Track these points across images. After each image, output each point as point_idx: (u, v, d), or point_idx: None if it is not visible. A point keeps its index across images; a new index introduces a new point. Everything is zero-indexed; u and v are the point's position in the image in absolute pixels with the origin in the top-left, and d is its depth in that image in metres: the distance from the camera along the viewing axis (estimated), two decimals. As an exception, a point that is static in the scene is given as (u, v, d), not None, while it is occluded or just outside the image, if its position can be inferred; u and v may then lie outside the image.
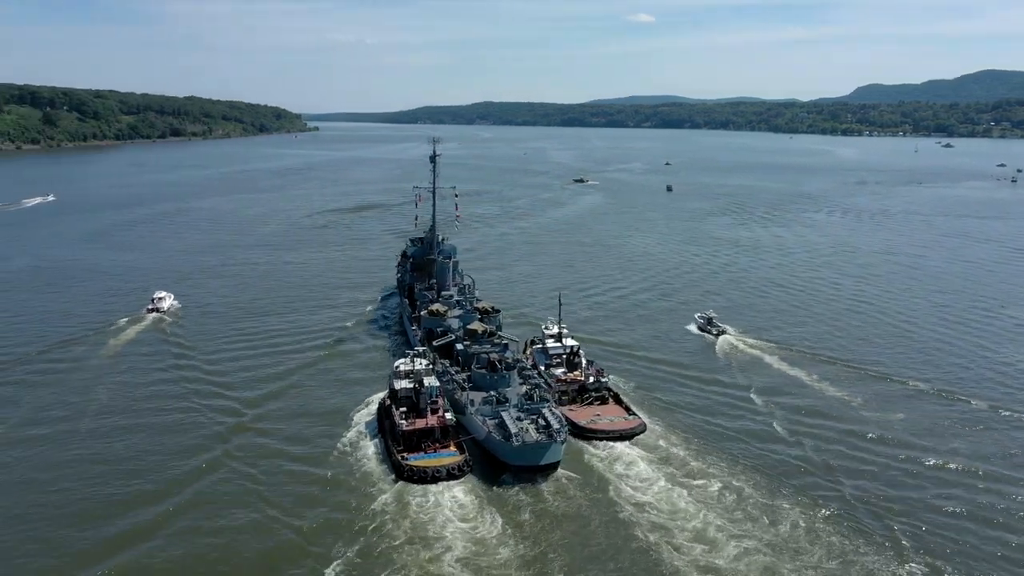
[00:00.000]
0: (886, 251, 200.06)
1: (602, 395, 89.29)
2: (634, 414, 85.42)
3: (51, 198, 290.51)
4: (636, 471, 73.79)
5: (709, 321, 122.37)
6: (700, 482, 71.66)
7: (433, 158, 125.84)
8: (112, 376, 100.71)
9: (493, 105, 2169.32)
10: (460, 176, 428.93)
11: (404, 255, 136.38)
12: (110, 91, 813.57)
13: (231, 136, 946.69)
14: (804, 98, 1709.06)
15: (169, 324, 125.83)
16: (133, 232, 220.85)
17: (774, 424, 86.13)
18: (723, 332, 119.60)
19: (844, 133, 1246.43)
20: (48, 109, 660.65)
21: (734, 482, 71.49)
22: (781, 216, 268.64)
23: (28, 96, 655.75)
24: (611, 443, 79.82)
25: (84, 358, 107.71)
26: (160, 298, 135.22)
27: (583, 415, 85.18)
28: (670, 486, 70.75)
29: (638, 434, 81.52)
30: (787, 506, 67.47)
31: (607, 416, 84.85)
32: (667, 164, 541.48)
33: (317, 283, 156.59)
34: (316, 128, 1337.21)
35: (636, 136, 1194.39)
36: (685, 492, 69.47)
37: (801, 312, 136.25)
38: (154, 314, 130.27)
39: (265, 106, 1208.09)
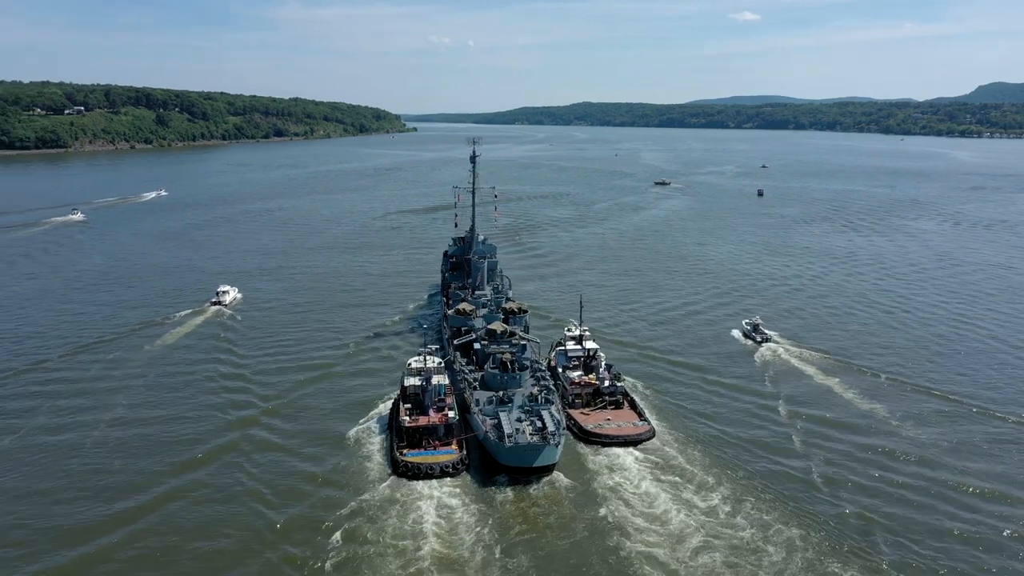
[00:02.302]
0: (997, 265, 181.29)
1: (616, 399, 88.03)
2: (645, 420, 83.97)
3: (164, 193, 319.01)
4: (633, 480, 72.52)
5: (755, 328, 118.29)
6: (698, 495, 69.82)
7: (473, 159, 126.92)
8: (157, 364, 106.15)
9: (592, 106, 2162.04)
10: (542, 177, 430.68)
11: (446, 254, 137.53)
12: (220, 93, 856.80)
13: (331, 136, 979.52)
14: (919, 98, 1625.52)
15: (227, 317, 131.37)
16: (214, 229, 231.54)
17: (792, 436, 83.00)
18: (767, 339, 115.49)
19: (962, 135, 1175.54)
20: (161, 110, 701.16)
21: (734, 498, 69.19)
22: (881, 224, 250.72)
23: (143, 98, 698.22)
24: (615, 448, 78.55)
25: (139, 346, 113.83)
26: (223, 291, 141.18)
27: (592, 419, 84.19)
28: (665, 497, 69.17)
29: (645, 440, 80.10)
30: (781, 526, 64.96)
31: (617, 421, 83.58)
32: (763, 167, 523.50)
33: (373, 283, 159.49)
34: (414, 129, 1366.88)
35: (735, 138, 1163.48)
36: (679, 505, 67.87)
37: (874, 328, 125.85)
38: (216, 307, 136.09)
39: (366, 107, 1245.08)
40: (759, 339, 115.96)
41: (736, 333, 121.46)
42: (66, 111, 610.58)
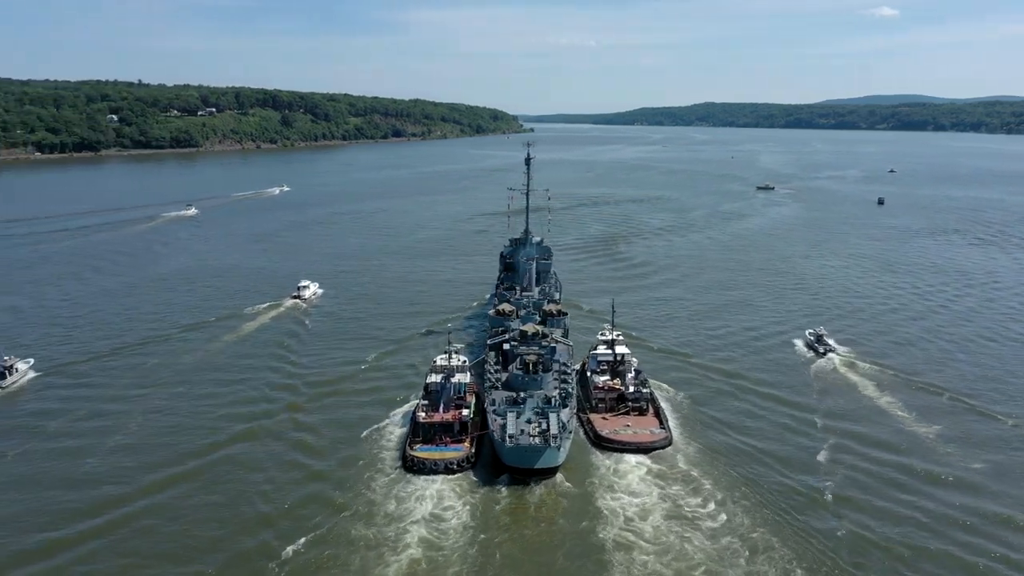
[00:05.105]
0: None
1: (640, 405, 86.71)
2: (664, 427, 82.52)
3: (286, 188, 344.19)
4: (634, 489, 71.35)
5: (818, 338, 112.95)
6: (697, 508, 68.13)
7: (527, 161, 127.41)
8: (226, 351, 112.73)
9: (714, 106, 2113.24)
10: (648, 180, 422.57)
11: (502, 256, 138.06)
12: (344, 94, 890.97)
13: (447, 137, 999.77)
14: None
15: (301, 311, 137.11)
16: (310, 229, 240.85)
17: (820, 452, 79.71)
18: (830, 351, 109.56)
19: None
20: (286, 111, 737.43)
21: (733, 513, 67.18)
22: (1020, 239, 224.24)
23: (270, 99, 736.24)
24: (627, 455, 77.63)
25: (217, 336, 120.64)
26: (304, 286, 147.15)
27: (610, 424, 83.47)
28: (662, 508, 67.86)
29: (659, 449, 78.74)
30: (776, 546, 62.70)
31: (635, 427, 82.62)
32: (891, 172, 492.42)
33: (444, 286, 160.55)
34: (531, 129, 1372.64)
35: (866, 140, 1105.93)
36: (674, 517, 66.51)
37: (962, 353, 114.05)
38: (295, 300, 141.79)
39: (483, 108, 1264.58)
40: (821, 350, 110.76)
41: (798, 343, 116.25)
42: (199, 112, 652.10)
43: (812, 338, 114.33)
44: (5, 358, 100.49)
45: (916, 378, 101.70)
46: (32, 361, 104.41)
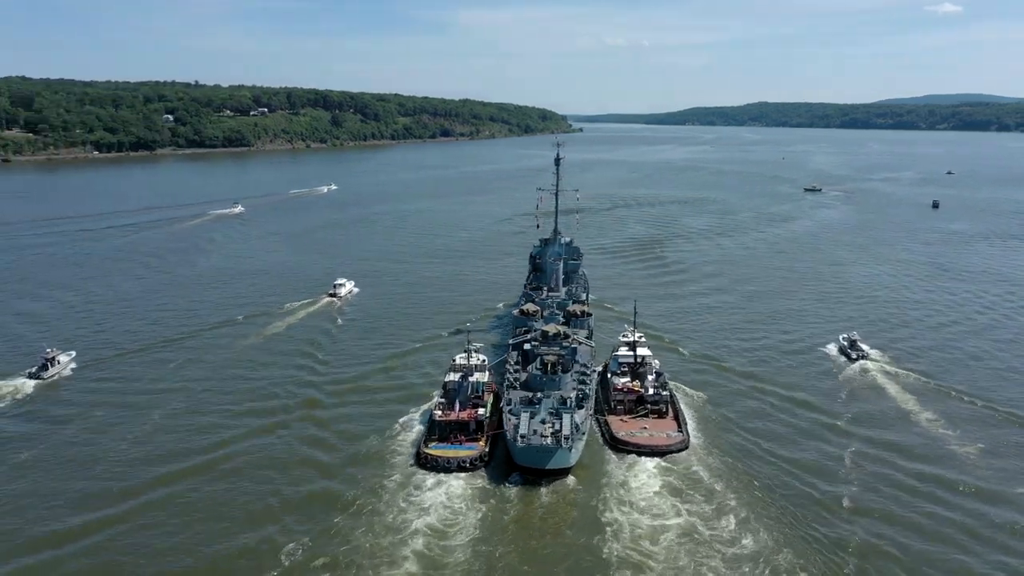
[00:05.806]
0: None
1: (659, 408, 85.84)
2: (682, 431, 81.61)
3: (334, 187, 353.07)
4: (646, 492, 70.47)
5: (852, 344, 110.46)
6: (707, 514, 66.87)
7: (557, 161, 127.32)
8: (257, 346, 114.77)
9: (768, 106, 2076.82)
10: (696, 181, 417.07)
11: (531, 256, 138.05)
12: (394, 95, 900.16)
13: (495, 137, 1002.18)
14: None
15: (335, 309, 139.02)
16: (352, 229, 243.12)
17: (844, 459, 77.78)
18: (863, 357, 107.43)
19: None
20: (336, 111, 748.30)
21: (744, 521, 65.64)
22: None
23: (321, 99, 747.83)
24: (643, 458, 76.83)
25: (250, 332, 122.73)
26: (340, 284, 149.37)
27: (628, 426, 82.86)
28: (672, 514, 66.80)
29: (674, 452, 77.87)
30: (787, 557, 61.07)
31: (652, 430, 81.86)
32: (948, 173, 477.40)
33: (478, 284, 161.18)
34: (580, 130, 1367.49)
35: (926, 140, 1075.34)
36: (683, 524, 65.34)
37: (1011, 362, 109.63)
38: (330, 298, 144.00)
39: (532, 108, 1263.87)
40: (854, 356, 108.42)
41: (831, 348, 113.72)
42: (251, 112, 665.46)
43: (845, 343, 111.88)
44: (48, 350, 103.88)
45: (961, 390, 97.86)
46: (74, 354, 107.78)
